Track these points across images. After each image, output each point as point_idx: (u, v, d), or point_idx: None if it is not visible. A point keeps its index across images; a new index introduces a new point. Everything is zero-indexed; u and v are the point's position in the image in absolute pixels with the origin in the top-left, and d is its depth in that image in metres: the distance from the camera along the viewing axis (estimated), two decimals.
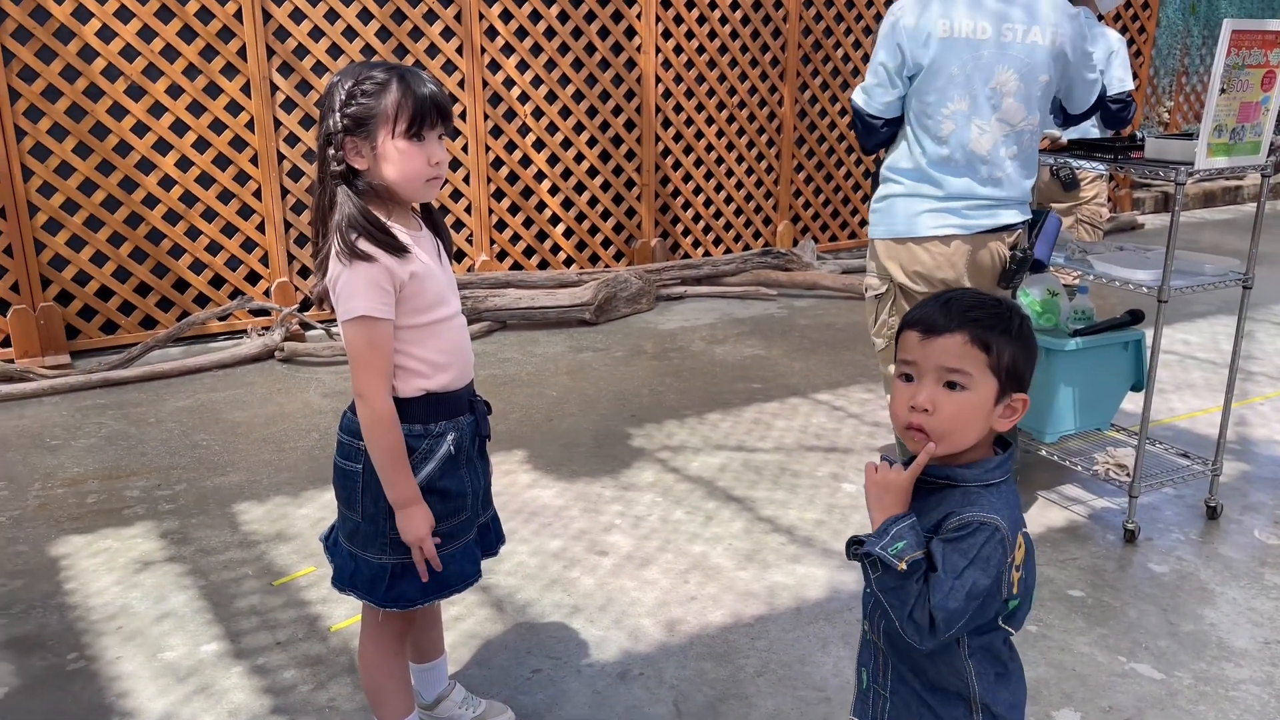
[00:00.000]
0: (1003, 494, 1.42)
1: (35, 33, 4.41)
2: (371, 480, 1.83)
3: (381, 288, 1.73)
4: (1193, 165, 2.72)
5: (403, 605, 1.88)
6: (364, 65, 1.77)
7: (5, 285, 4.56)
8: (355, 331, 1.74)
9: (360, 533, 1.88)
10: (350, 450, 1.86)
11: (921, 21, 2.70)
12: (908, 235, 2.85)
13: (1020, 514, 1.43)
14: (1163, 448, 3.37)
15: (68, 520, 3.19)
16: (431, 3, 5.20)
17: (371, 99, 1.71)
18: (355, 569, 1.90)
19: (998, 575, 1.37)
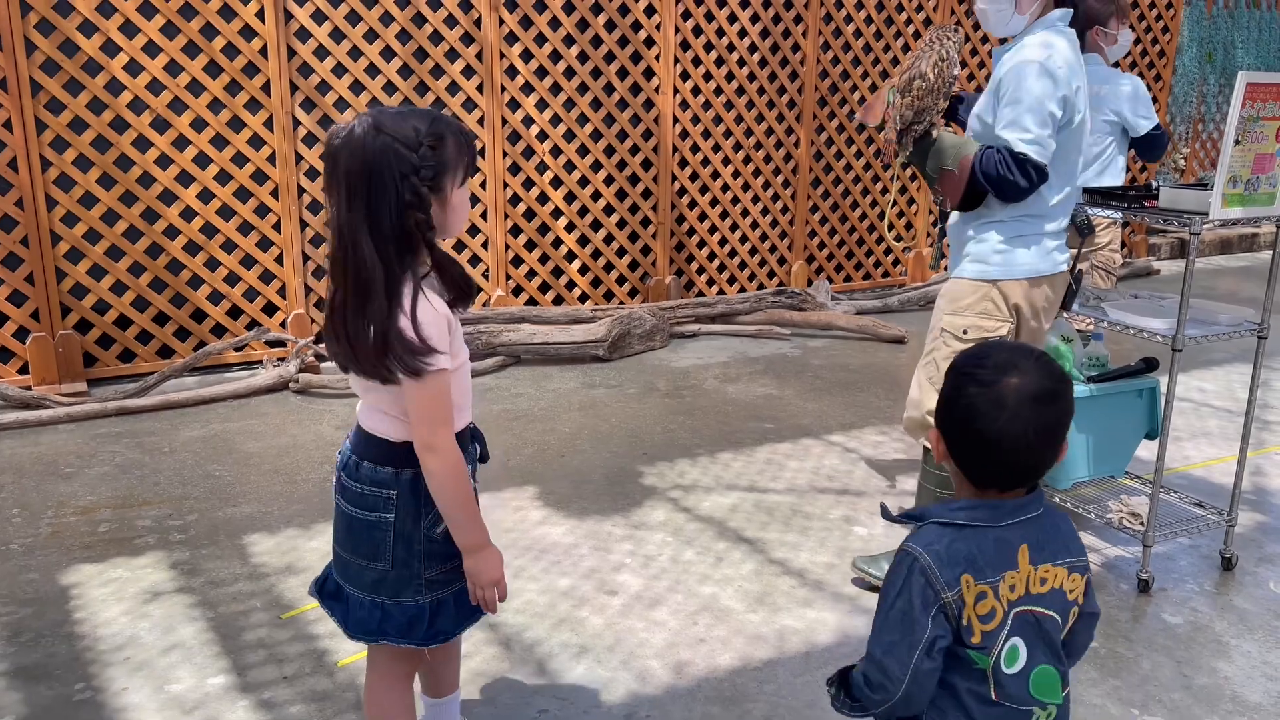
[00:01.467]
0: (964, 532, 1.41)
1: (64, 65, 4.49)
2: (405, 527, 1.81)
3: (448, 340, 1.73)
4: (1207, 215, 2.73)
5: (440, 640, 1.90)
6: (399, 118, 1.69)
7: (25, 313, 4.61)
8: (436, 384, 1.70)
9: (390, 581, 1.84)
10: (377, 501, 1.82)
11: (1075, 69, 2.67)
12: (1049, 272, 2.80)
13: (991, 562, 1.41)
14: (1177, 496, 3.35)
15: (79, 549, 3.20)
16: (453, 41, 5.28)
17: (439, 153, 1.69)
18: (384, 616, 1.86)
19: (908, 601, 1.38)
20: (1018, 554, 1.42)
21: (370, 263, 1.66)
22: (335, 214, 1.70)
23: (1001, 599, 1.41)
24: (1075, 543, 1.49)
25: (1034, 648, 1.44)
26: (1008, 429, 1.39)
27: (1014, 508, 1.44)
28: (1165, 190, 2.94)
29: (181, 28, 4.68)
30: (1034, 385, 1.40)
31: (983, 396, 1.40)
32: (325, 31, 4.97)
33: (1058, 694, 1.47)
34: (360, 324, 1.69)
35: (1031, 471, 1.44)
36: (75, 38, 4.49)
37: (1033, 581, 1.43)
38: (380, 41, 5.11)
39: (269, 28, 4.82)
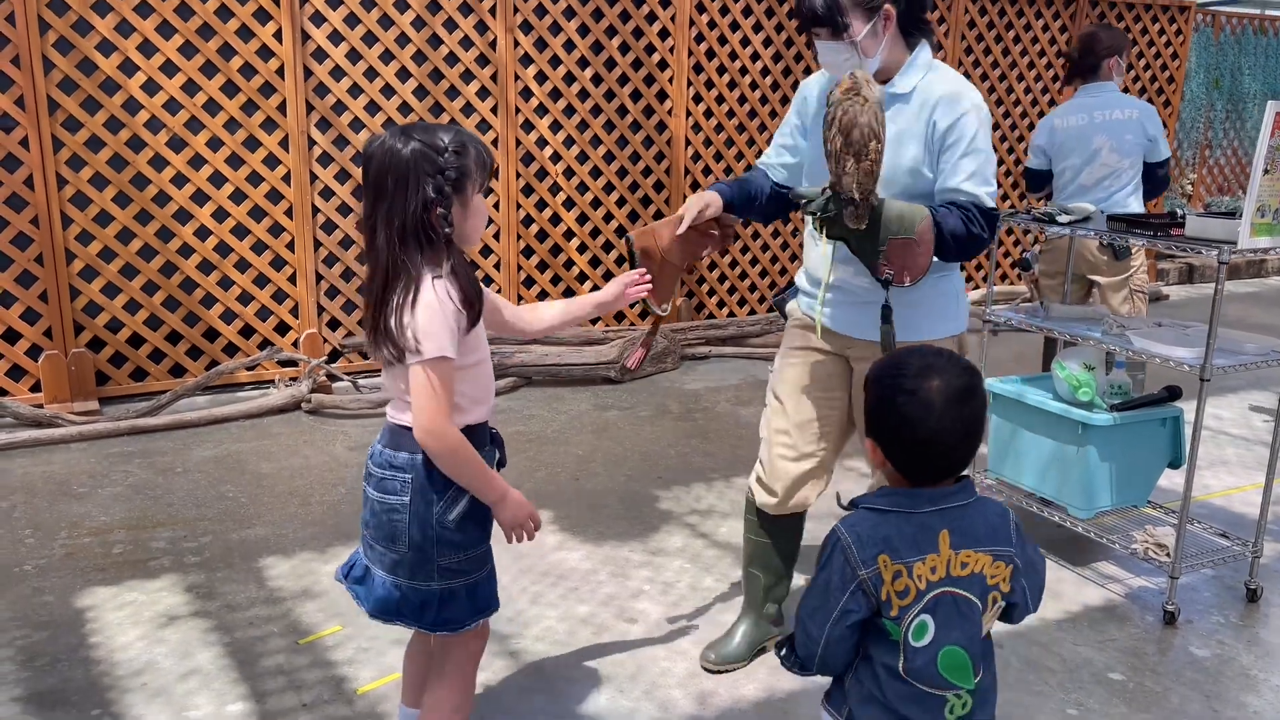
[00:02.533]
0: (887, 517, 1.55)
1: (81, 84, 4.49)
2: (419, 510, 1.90)
3: (453, 330, 1.84)
4: (1236, 244, 2.71)
5: (450, 629, 1.97)
6: (428, 129, 1.85)
7: (39, 331, 4.60)
8: (434, 370, 1.82)
9: (406, 563, 1.93)
10: (391, 484, 1.91)
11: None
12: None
13: (909, 544, 1.53)
14: (1201, 527, 3.32)
15: (94, 570, 3.17)
16: (469, 62, 5.29)
17: (462, 159, 1.83)
18: (401, 598, 1.95)
19: (829, 574, 1.54)
20: (938, 538, 1.53)
21: (384, 253, 1.82)
22: (365, 213, 1.87)
23: (918, 578, 1.52)
24: (1004, 533, 1.58)
25: (948, 627, 1.54)
26: (938, 428, 1.51)
27: (933, 496, 1.55)
28: (1192, 219, 2.93)
29: (200, 48, 4.69)
30: (954, 384, 1.52)
31: (910, 403, 1.52)
32: (342, 52, 4.98)
33: (968, 678, 1.55)
34: (375, 309, 1.85)
35: (961, 463, 1.56)
36: (94, 56, 4.50)
37: (954, 565, 1.54)
38: (396, 62, 5.12)
39: (286, 48, 4.83)
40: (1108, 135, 4.09)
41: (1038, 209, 3.39)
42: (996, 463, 3.50)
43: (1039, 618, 2.99)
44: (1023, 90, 7.16)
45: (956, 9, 6.73)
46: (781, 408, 2.61)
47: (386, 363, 1.90)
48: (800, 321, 2.62)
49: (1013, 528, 1.60)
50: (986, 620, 1.58)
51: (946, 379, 1.52)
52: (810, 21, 2.30)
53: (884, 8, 2.27)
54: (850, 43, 2.28)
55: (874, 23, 2.27)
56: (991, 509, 1.60)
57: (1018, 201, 7.40)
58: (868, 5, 2.26)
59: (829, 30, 2.28)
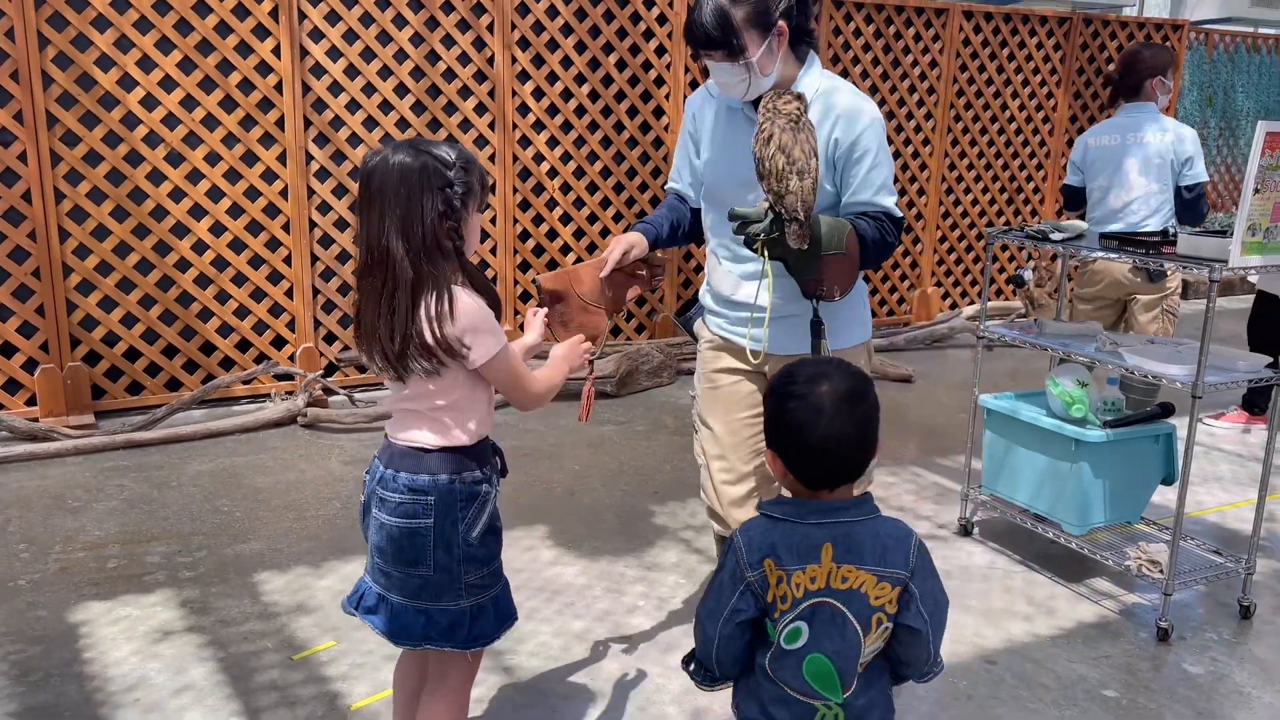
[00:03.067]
0: (776, 524, 1.60)
1: (80, 99, 4.51)
2: (444, 532, 1.91)
3: (496, 324, 1.92)
4: (1227, 263, 2.73)
5: (482, 643, 1.99)
6: (434, 143, 1.88)
7: (35, 344, 4.60)
8: (508, 358, 1.92)
9: (431, 585, 1.94)
10: (416, 508, 1.91)
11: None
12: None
13: (792, 552, 1.57)
14: (1194, 543, 3.33)
15: (88, 585, 3.17)
16: (466, 78, 5.32)
17: (469, 175, 1.87)
18: (427, 621, 1.95)
19: (723, 575, 1.60)
20: (821, 550, 1.57)
21: (404, 264, 1.81)
22: (367, 228, 1.84)
23: (796, 586, 1.56)
24: (895, 556, 1.58)
25: (822, 637, 1.57)
26: (829, 432, 1.56)
27: (819, 509, 1.59)
28: (1184, 237, 2.95)
29: (198, 63, 4.71)
30: (844, 387, 1.58)
31: (802, 407, 1.57)
32: (340, 68, 5.00)
33: (835, 690, 1.58)
34: (401, 322, 1.82)
35: (856, 467, 1.59)
36: (92, 72, 4.52)
37: (834, 578, 1.57)
38: (394, 78, 5.15)
39: (284, 64, 4.86)
40: (1137, 157, 4.06)
41: (1030, 226, 3.41)
42: (990, 479, 3.51)
43: (1032, 633, 3.00)
44: (1017, 108, 7.21)
45: (951, 26, 6.78)
46: (712, 434, 2.57)
47: (409, 373, 1.87)
48: (715, 343, 2.57)
49: (912, 553, 1.59)
50: (871, 641, 1.58)
51: (835, 384, 1.58)
52: (704, 45, 2.22)
53: (777, 24, 2.22)
54: (745, 64, 2.22)
55: (768, 41, 2.22)
56: (887, 530, 1.60)
57: (1012, 218, 7.44)
58: (761, 24, 2.21)
59: (724, 53, 2.21)
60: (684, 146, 2.56)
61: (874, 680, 1.63)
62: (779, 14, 2.22)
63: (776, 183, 2.05)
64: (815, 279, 2.16)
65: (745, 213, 2.11)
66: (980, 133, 7.13)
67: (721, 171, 2.43)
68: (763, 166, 2.08)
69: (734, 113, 2.40)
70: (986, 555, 3.53)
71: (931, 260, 7.13)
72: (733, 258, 2.46)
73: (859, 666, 1.58)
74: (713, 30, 2.19)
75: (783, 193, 2.05)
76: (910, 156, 6.87)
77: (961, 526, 3.69)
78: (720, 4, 2.19)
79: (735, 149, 2.38)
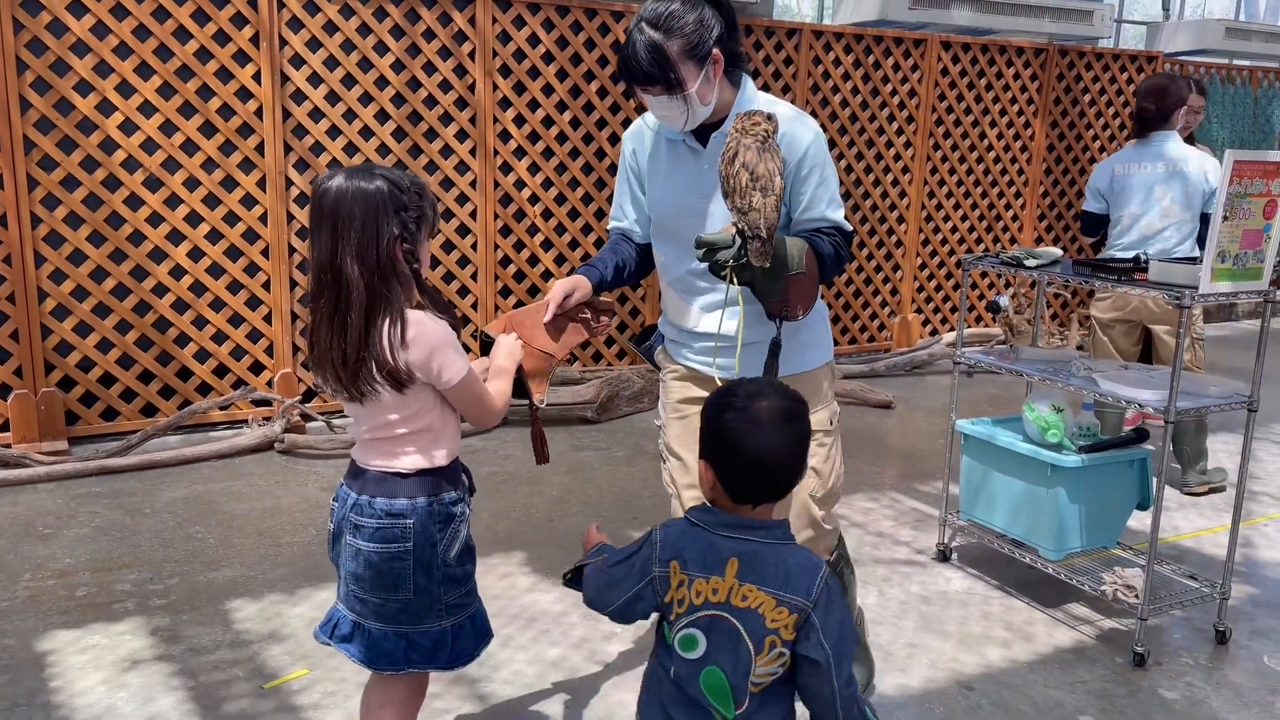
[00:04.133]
0: (691, 530, 1.67)
1: (58, 124, 4.50)
2: (423, 554, 1.91)
3: (457, 344, 1.93)
4: (1198, 289, 2.76)
5: (464, 661, 2.01)
6: (381, 169, 1.89)
7: (8, 370, 4.56)
8: (470, 383, 1.92)
9: (411, 609, 1.93)
10: (394, 532, 1.91)
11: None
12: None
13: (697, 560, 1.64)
14: (1170, 568, 3.34)
15: (57, 614, 3.12)
16: (448, 105, 5.34)
17: (422, 200, 1.89)
18: (409, 645, 1.95)
19: (636, 559, 1.70)
20: (726, 564, 1.62)
21: (359, 286, 1.81)
22: (318, 250, 1.84)
23: (695, 593, 1.62)
24: (798, 582, 1.60)
25: (718, 650, 1.61)
26: (765, 444, 1.61)
27: (730, 524, 1.64)
28: (1155, 264, 2.98)
29: (178, 88, 4.71)
30: (781, 406, 1.64)
31: (740, 420, 1.62)
32: (321, 94, 5.01)
33: (728, 705, 1.62)
34: (356, 344, 1.82)
35: (786, 482, 1.65)
36: (71, 96, 4.51)
37: (735, 594, 1.61)
38: (375, 105, 5.17)
39: (265, 89, 4.87)
40: (1172, 185, 4.15)
41: (1006, 253, 3.43)
42: (968, 504, 3.52)
43: (1009, 659, 2.99)
44: (995, 136, 7.29)
45: (930, 56, 6.86)
46: (682, 464, 2.53)
47: (363, 397, 1.87)
48: (679, 373, 2.53)
49: (817, 585, 1.60)
50: (764, 663, 1.60)
51: (773, 401, 1.64)
52: (641, 82, 2.19)
53: (712, 53, 2.20)
54: (684, 96, 2.20)
55: (705, 70, 2.20)
56: (795, 558, 1.62)
57: (992, 245, 7.50)
58: (697, 55, 2.18)
59: (662, 87, 2.18)
60: (625, 183, 2.52)
61: (772, 704, 1.64)
62: (713, 42, 2.20)
63: (740, 199, 2.03)
64: (780, 300, 2.15)
65: (712, 239, 2.08)
66: (959, 161, 7.20)
67: (669, 204, 2.41)
68: (727, 184, 2.06)
69: (675, 144, 2.38)
70: (964, 580, 3.52)
71: (912, 287, 7.17)
72: (690, 290, 2.43)
73: (751, 686, 1.61)
74: (649, 67, 2.16)
75: (745, 209, 2.03)
76: (890, 184, 6.93)
77: (940, 552, 3.69)
78: (653, 39, 2.16)
79: (681, 180, 2.37)
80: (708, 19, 2.20)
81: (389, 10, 5.12)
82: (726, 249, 2.06)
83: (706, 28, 2.19)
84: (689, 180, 2.36)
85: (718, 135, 2.32)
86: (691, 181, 2.36)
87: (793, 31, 6.33)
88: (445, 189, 5.42)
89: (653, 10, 2.19)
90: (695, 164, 2.36)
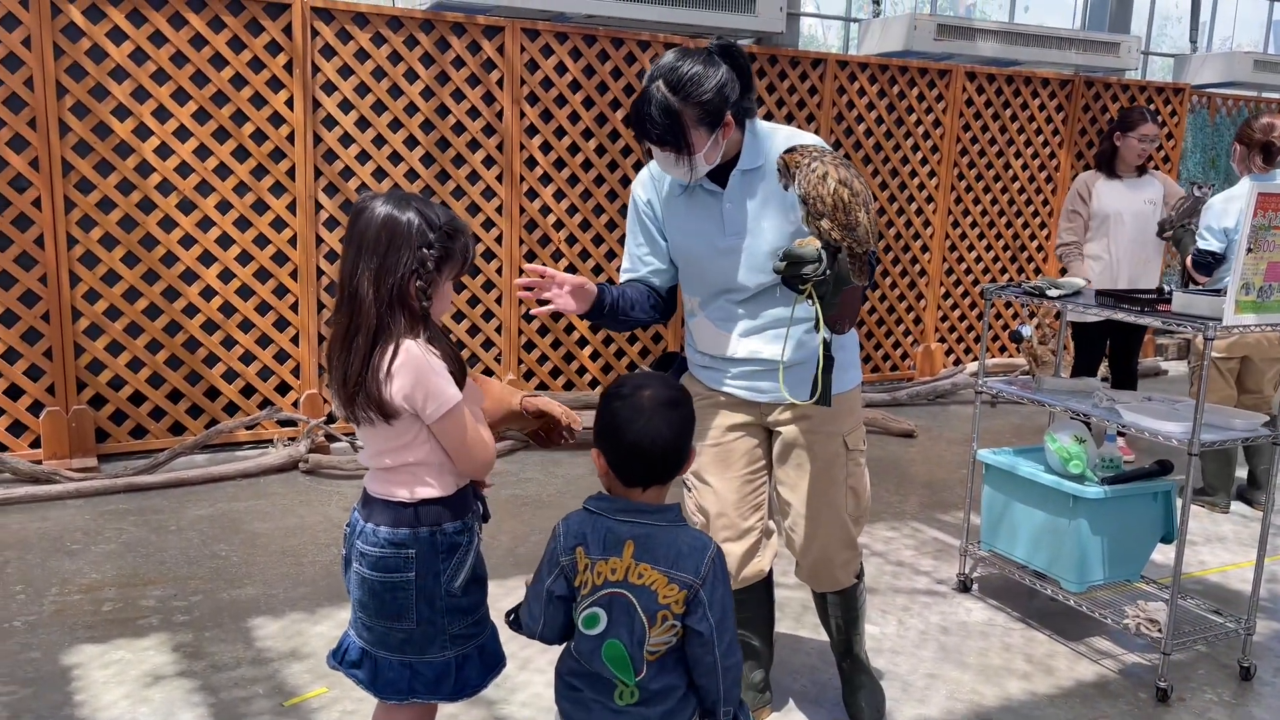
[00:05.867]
0: (590, 517, 1.79)
1: (96, 147, 4.61)
2: (426, 584, 1.90)
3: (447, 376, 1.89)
4: (1221, 321, 2.75)
5: (469, 693, 1.99)
6: (427, 202, 1.89)
7: (41, 387, 4.64)
8: (457, 418, 1.88)
9: (415, 639, 1.92)
10: (397, 561, 1.90)
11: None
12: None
13: (597, 544, 1.76)
14: (1194, 603, 3.30)
15: (82, 628, 3.17)
16: (475, 132, 5.41)
17: (452, 241, 1.88)
18: (413, 675, 1.94)
19: (544, 558, 1.81)
20: (623, 546, 1.75)
21: (371, 311, 1.83)
22: (344, 265, 1.87)
23: (598, 574, 1.75)
24: (688, 563, 1.74)
25: (617, 624, 1.74)
26: (647, 429, 1.74)
27: (626, 508, 1.77)
28: (1178, 295, 2.97)
29: (213, 113, 4.81)
30: (664, 394, 1.79)
31: (625, 407, 1.77)
32: (351, 120, 5.10)
33: (628, 672, 1.75)
34: (358, 366, 1.84)
35: (667, 469, 1.79)
36: (109, 120, 4.62)
37: (631, 573, 1.74)
38: (404, 131, 5.25)
39: (297, 115, 4.96)
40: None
41: (1028, 283, 3.43)
42: (990, 535, 3.50)
43: (1030, 691, 2.96)
44: (1020, 166, 7.29)
45: (954, 86, 6.88)
46: (710, 489, 2.53)
47: (359, 422, 1.89)
48: (711, 399, 2.53)
49: (705, 563, 1.75)
50: (656, 634, 1.74)
51: (656, 390, 1.79)
52: (653, 141, 2.22)
53: (725, 118, 2.22)
54: (690, 158, 2.23)
55: (715, 135, 2.22)
56: (686, 539, 1.77)
57: (1016, 275, 7.48)
58: (710, 123, 2.20)
59: (671, 149, 2.22)
60: (642, 233, 2.50)
61: (669, 669, 1.78)
62: (729, 108, 2.22)
63: (845, 215, 2.05)
64: (836, 314, 2.17)
65: (801, 253, 2.08)
66: (984, 191, 7.20)
67: (699, 247, 2.42)
68: (822, 203, 2.07)
69: (691, 188, 2.40)
70: (985, 612, 3.50)
71: (935, 316, 7.16)
72: (729, 319, 2.45)
73: (647, 655, 1.75)
74: (663, 131, 2.19)
75: (852, 225, 2.05)
76: (914, 213, 6.94)
77: (960, 582, 3.67)
78: (669, 102, 2.17)
79: (707, 223, 2.39)
80: (726, 85, 2.20)
81: (419, 38, 5.21)
82: (814, 264, 2.07)
83: (723, 95, 2.20)
84: (714, 222, 2.39)
85: (737, 173, 2.35)
86: (716, 223, 2.39)
87: (818, 61, 6.38)
88: (472, 214, 5.49)
89: (672, 70, 2.18)
90: (717, 205, 2.38)
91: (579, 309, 2.33)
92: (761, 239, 2.35)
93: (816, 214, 2.09)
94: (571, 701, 1.82)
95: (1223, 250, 4.34)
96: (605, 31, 5.69)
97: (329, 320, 5.15)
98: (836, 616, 2.73)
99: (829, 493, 2.51)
